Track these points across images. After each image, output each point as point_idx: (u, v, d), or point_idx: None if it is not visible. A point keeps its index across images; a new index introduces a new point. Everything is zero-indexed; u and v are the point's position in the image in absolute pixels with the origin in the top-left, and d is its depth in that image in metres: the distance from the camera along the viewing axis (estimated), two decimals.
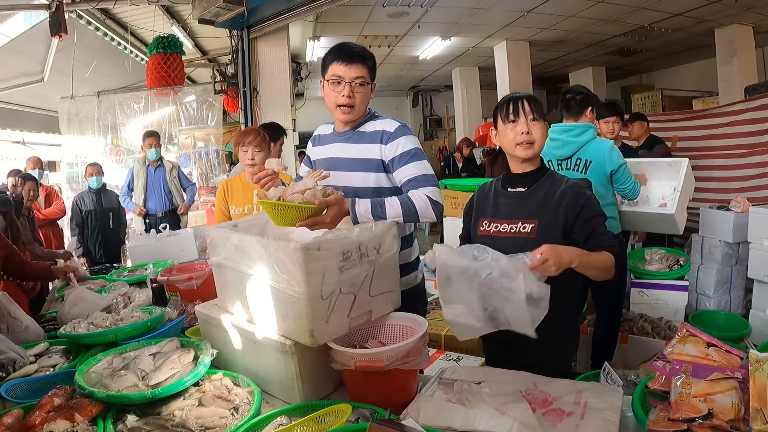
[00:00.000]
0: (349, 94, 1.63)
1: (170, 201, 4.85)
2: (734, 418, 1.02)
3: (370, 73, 1.67)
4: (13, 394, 1.42)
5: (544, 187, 1.55)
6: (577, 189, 1.53)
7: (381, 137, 1.66)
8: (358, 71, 1.63)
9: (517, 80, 7.54)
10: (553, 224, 1.49)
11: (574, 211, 1.49)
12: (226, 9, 4.27)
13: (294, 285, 1.26)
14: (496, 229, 1.57)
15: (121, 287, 2.34)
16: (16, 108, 7.17)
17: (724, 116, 4.75)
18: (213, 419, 1.25)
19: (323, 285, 1.28)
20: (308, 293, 1.25)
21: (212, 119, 5.63)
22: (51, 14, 4.23)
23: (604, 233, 1.49)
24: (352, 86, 1.63)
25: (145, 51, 5.72)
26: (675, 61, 9.08)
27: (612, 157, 2.52)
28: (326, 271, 1.28)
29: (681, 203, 2.80)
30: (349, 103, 1.65)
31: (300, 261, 1.23)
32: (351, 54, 1.63)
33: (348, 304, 1.37)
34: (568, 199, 1.50)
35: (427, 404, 1.25)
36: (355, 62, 1.63)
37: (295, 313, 1.29)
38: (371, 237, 1.40)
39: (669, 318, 3.09)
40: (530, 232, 1.51)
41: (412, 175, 1.60)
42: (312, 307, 1.26)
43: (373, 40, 7.13)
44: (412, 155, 1.62)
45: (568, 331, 1.65)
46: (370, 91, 1.69)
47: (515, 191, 1.59)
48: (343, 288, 1.34)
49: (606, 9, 6.01)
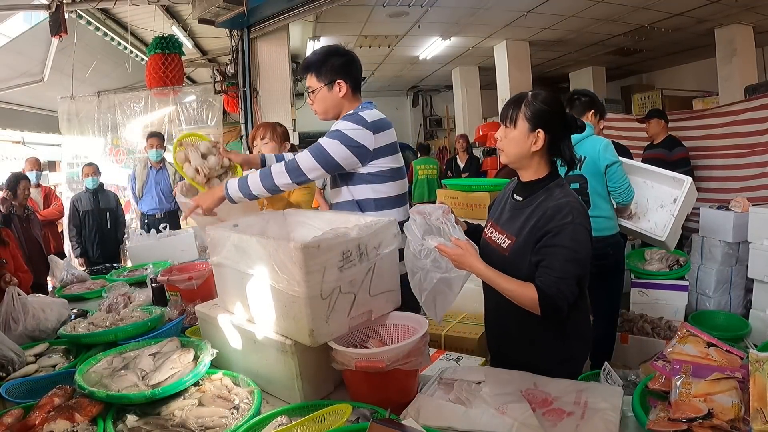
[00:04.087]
0: (310, 102, 1.87)
1: (171, 203, 4.85)
2: (734, 418, 1.02)
3: (319, 77, 1.80)
4: (13, 394, 1.43)
5: (535, 202, 1.44)
6: (558, 211, 1.37)
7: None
8: (307, 82, 1.84)
9: (517, 80, 7.53)
10: (526, 246, 1.40)
11: (540, 231, 1.38)
12: (226, 9, 4.27)
13: (294, 284, 1.26)
14: (490, 235, 1.55)
15: (121, 287, 2.34)
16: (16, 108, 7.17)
17: (724, 116, 4.75)
18: (213, 419, 1.25)
19: (323, 284, 1.27)
20: (308, 293, 1.25)
21: (212, 119, 5.62)
22: (51, 14, 4.23)
23: (550, 268, 1.33)
24: (308, 94, 1.85)
25: (145, 51, 5.72)
26: (675, 61, 9.07)
27: (605, 154, 2.55)
28: (326, 271, 1.28)
29: (675, 225, 2.80)
30: (312, 108, 1.88)
31: (300, 260, 1.23)
32: (302, 67, 1.86)
33: (348, 304, 1.37)
34: (545, 218, 1.38)
35: (427, 404, 1.25)
36: (305, 74, 1.84)
37: (295, 313, 1.29)
38: (371, 235, 1.40)
39: (669, 318, 3.09)
40: (506, 248, 1.46)
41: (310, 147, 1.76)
42: (312, 307, 1.26)
43: (373, 40, 7.13)
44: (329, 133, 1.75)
45: (580, 337, 1.61)
46: (329, 91, 1.80)
47: (514, 200, 1.54)
48: (342, 287, 1.33)
49: (606, 9, 6.01)
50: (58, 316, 1.99)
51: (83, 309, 2.29)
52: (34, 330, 1.91)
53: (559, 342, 1.48)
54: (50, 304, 2.03)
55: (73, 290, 2.75)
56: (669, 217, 2.78)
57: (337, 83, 1.79)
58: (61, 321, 2.01)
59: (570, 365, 1.53)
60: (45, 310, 1.98)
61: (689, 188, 2.79)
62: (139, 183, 4.86)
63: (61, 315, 2.00)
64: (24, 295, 1.99)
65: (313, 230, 1.70)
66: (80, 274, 2.99)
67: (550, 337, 1.46)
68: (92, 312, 2.14)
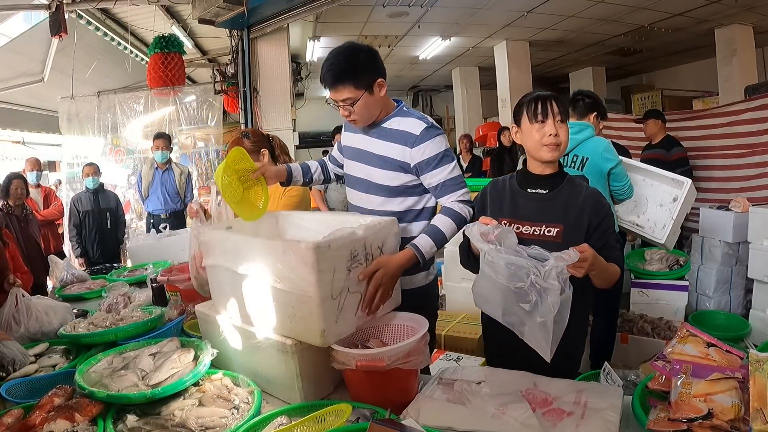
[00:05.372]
0: (346, 114, 1.65)
1: (177, 203, 4.84)
2: (734, 418, 1.02)
3: (360, 84, 1.58)
4: (13, 394, 1.42)
5: (565, 192, 1.53)
6: (598, 197, 1.54)
7: (407, 140, 1.64)
8: (342, 94, 1.59)
9: (517, 80, 7.54)
10: (577, 230, 1.48)
11: (596, 218, 1.49)
12: (226, 9, 4.27)
13: (304, 285, 1.25)
14: (518, 231, 1.51)
15: (121, 287, 2.34)
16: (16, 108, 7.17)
17: (724, 116, 4.75)
18: (213, 419, 1.25)
19: (333, 284, 1.28)
20: (320, 293, 1.24)
21: (212, 119, 5.62)
22: (51, 14, 4.23)
23: (614, 246, 1.51)
24: (345, 108, 1.63)
25: (145, 51, 5.72)
26: (675, 61, 9.07)
27: (607, 155, 2.57)
28: (336, 271, 1.28)
29: (675, 227, 2.81)
30: (351, 119, 1.67)
31: (312, 261, 1.22)
32: (331, 79, 1.59)
33: (355, 303, 1.38)
34: (591, 206, 1.50)
35: (427, 404, 1.25)
36: (337, 86, 1.59)
37: (304, 314, 1.28)
38: (375, 234, 1.40)
39: (669, 318, 3.09)
40: (556, 236, 1.49)
41: (442, 180, 1.62)
42: (323, 307, 1.26)
43: (373, 40, 7.13)
44: (440, 159, 1.62)
45: (579, 336, 1.66)
46: (371, 94, 1.61)
47: (535, 193, 1.55)
48: (351, 287, 1.34)
49: (606, 9, 6.01)
50: (62, 320, 1.96)
51: (83, 309, 2.29)
52: (36, 333, 1.90)
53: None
54: (54, 308, 2.01)
55: (73, 290, 2.75)
56: (668, 217, 2.78)
57: (378, 83, 1.61)
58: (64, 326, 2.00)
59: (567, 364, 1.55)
60: (48, 313, 1.97)
61: (689, 190, 2.79)
62: (145, 183, 4.86)
63: (64, 320, 1.97)
64: (28, 297, 1.99)
65: (307, 231, 1.68)
66: (80, 274, 2.99)
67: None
68: (92, 312, 2.14)
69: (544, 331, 1.26)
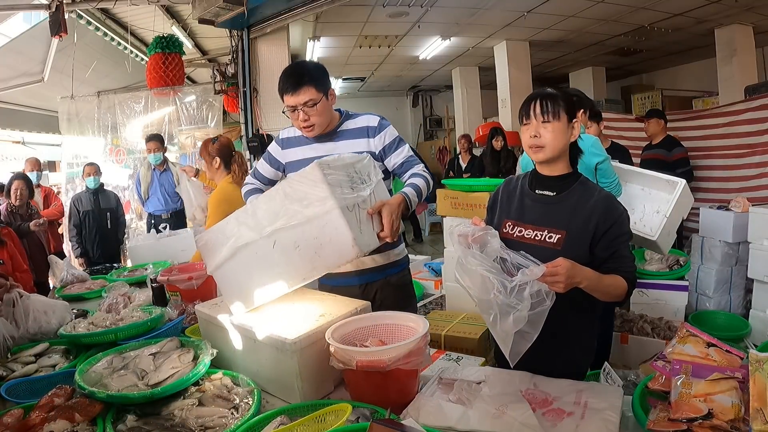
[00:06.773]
0: (305, 118, 1.78)
1: (176, 203, 4.84)
2: (734, 418, 1.02)
3: (319, 87, 1.75)
4: (13, 394, 1.42)
5: (574, 195, 1.46)
6: (610, 202, 1.44)
7: (367, 132, 1.86)
8: (305, 96, 1.73)
9: (517, 80, 7.54)
10: (580, 238, 1.41)
11: (603, 225, 1.40)
12: (226, 9, 4.27)
13: (321, 204, 1.35)
14: (520, 234, 1.49)
15: (121, 287, 2.34)
16: (16, 108, 7.17)
17: (724, 116, 4.76)
18: (213, 419, 1.24)
19: (344, 197, 1.38)
20: (337, 203, 1.35)
21: (212, 119, 5.62)
22: (51, 14, 4.23)
23: (626, 256, 1.42)
24: (305, 111, 1.76)
25: (145, 51, 5.71)
26: (675, 61, 9.07)
27: (594, 150, 2.59)
28: (342, 186, 1.40)
29: (668, 227, 2.79)
30: (308, 125, 1.80)
31: (319, 175, 1.35)
32: (295, 81, 1.74)
33: (368, 219, 1.49)
34: (600, 212, 1.41)
35: (427, 404, 1.25)
36: (300, 88, 1.73)
37: (331, 236, 1.37)
38: (360, 165, 1.54)
39: (669, 318, 3.09)
40: (556, 243, 1.42)
41: (404, 158, 1.87)
42: (345, 217, 1.35)
43: (373, 40, 7.13)
44: (399, 141, 1.88)
45: (588, 342, 1.61)
46: (327, 99, 1.78)
47: (542, 195, 1.50)
48: (359, 204, 1.45)
49: (606, 9, 6.01)
50: (60, 319, 1.96)
51: (83, 309, 2.29)
52: (36, 333, 1.90)
53: (563, 348, 1.48)
54: (52, 306, 2.01)
55: (73, 290, 2.75)
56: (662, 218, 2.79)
57: (330, 92, 1.81)
58: (63, 324, 2.00)
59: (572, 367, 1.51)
60: (47, 312, 1.96)
61: (682, 190, 2.79)
62: (144, 185, 4.85)
63: (63, 319, 1.97)
64: (26, 295, 1.98)
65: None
66: (80, 274, 2.99)
67: (558, 344, 1.44)
68: (92, 312, 2.14)
69: (503, 344, 1.30)
